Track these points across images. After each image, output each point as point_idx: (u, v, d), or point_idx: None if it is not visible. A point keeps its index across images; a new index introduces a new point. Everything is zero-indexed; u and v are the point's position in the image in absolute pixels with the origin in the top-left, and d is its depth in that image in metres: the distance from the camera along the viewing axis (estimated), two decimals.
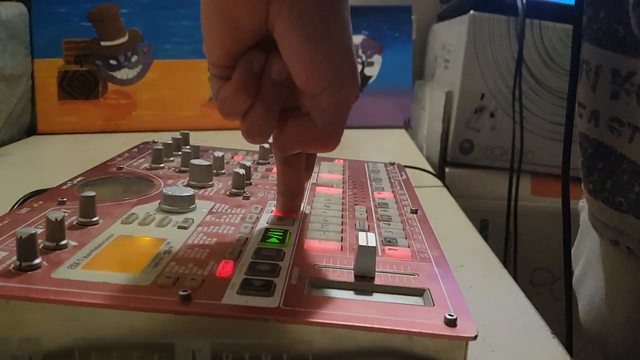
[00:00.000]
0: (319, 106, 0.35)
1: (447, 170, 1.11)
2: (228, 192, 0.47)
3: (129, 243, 0.36)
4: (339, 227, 0.41)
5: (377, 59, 1.12)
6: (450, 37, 1.16)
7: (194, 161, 0.50)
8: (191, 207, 0.42)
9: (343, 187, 0.52)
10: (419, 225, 0.43)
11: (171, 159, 0.57)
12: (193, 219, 0.40)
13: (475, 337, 0.28)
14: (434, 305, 0.31)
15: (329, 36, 0.33)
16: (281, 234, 0.39)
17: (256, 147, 0.61)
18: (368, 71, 1.11)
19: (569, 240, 0.47)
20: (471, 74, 1.06)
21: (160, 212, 0.41)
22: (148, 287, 0.30)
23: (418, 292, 0.32)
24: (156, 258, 0.33)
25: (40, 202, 0.42)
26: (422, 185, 0.47)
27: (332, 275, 0.33)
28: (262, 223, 0.41)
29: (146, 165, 0.55)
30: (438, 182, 0.73)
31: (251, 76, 0.34)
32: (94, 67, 1.00)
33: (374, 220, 0.44)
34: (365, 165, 0.62)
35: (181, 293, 0.29)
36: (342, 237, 0.39)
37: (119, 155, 0.59)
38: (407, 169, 0.62)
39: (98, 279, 0.30)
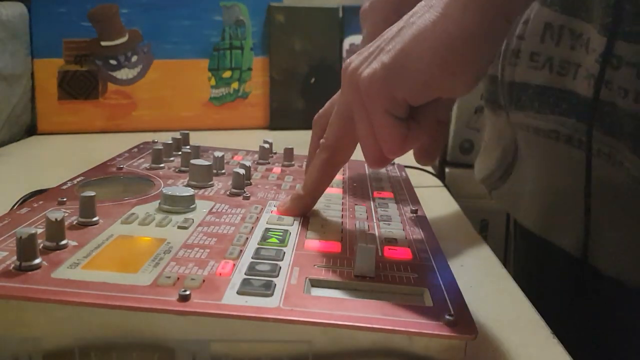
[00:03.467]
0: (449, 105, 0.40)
1: (447, 170, 1.11)
2: (228, 192, 0.47)
3: (129, 243, 0.36)
4: (339, 227, 0.41)
5: None
6: None
7: (194, 161, 0.50)
8: (191, 207, 0.42)
9: (343, 187, 0.52)
10: (419, 225, 0.43)
11: (171, 159, 0.57)
12: (193, 219, 0.40)
13: (475, 337, 0.28)
14: (433, 305, 0.31)
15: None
16: (281, 234, 0.39)
17: (256, 147, 0.61)
18: None
19: None
20: None
21: (160, 212, 0.41)
22: (148, 287, 0.30)
23: (418, 292, 0.32)
24: (156, 258, 0.33)
25: (40, 202, 0.42)
26: (422, 185, 0.47)
27: (332, 275, 0.33)
28: (262, 223, 0.41)
29: (146, 165, 0.55)
30: (438, 182, 0.73)
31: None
32: (94, 67, 1.00)
33: (374, 220, 0.44)
34: (365, 165, 0.62)
35: (181, 293, 0.29)
36: (342, 237, 0.39)
37: (119, 155, 0.59)
38: (407, 169, 0.62)
39: (98, 279, 0.30)
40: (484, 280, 0.45)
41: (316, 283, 0.32)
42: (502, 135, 0.55)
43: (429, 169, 0.76)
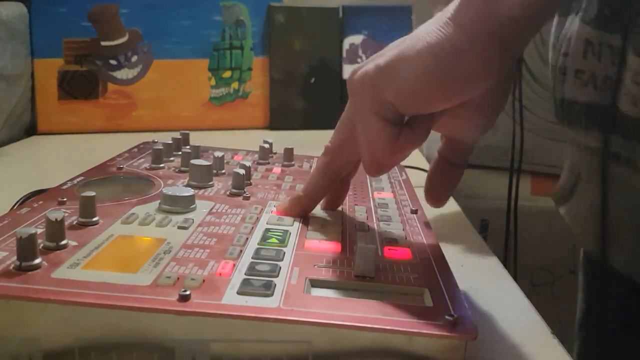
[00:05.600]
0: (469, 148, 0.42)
1: None
2: (228, 192, 0.47)
3: (129, 243, 0.36)
4: (339, 227, 0.41)
5: None
6: None
7: (194, 161, 0.50)
8: (191, 207, 0.42)
9: None
10: (419, 225, 0.43)
11: (171, 159, 0.57)
12: (193, 219, 0.40)
13: (475, 337, 0.28)
14: (433, 305, 0.31)
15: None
16: (281, 234, 0.39)
17: (256, 147, 0.61)
18: None
19: None
20: None
21: (160, 212, 0.41)
22: (148, 287, 0.30)
23: (418, 292, 0.32)
24: (156, 258, 0.33)
25: (40, 202, 0.42)
26: (422, 185, 0.47)
27: (332, 275, 0.33)
28: (262, 223, 0.41)
29: (146, 165, 0.55)
30: None
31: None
32: (94, 67, 1.00)
33: (374, 220, 0.44)
34: None
35: (181, 293, 0.29)
36: (342, 237, 0.39)
37: (119, 155, 0.59)
38: (407, 169, 0.62)
39: (98, 279, 0.30)
40: (484, 280, 0.45)
41: (316, 283, 0.32)
42: (569, 152, 0.55)
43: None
